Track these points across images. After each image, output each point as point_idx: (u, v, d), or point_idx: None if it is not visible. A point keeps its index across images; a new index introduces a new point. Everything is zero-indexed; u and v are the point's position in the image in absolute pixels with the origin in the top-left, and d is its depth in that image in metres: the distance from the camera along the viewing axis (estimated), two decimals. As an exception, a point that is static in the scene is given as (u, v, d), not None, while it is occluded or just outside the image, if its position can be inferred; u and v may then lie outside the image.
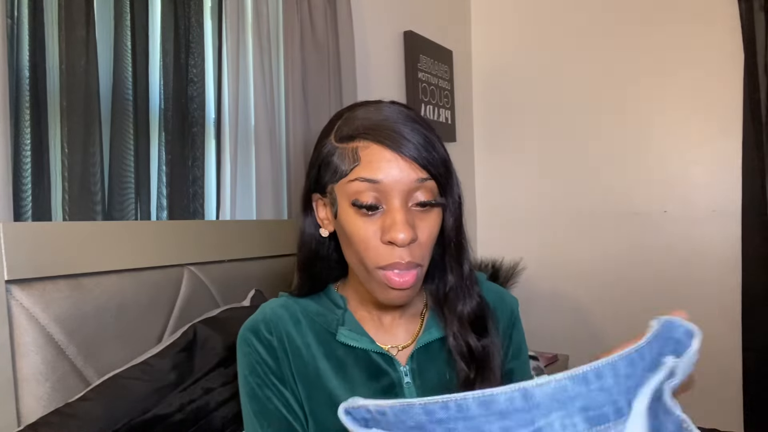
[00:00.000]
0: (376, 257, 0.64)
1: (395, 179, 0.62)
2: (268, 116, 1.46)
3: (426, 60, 2.16)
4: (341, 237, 0.69)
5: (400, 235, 0.61)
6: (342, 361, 0.70)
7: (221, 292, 1.16)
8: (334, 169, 0.66)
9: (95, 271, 0.94)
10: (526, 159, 2.45)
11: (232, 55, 1.38)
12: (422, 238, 0.64)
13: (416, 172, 0.63)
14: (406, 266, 0.63)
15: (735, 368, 1.97)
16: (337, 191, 0.66)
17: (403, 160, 0.63)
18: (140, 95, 1.20)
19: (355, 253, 0.66)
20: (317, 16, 1.60)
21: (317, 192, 0.71)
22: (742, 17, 1.92)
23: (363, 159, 0.63)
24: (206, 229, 1.18)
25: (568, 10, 2.32)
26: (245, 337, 0.71)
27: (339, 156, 0.66)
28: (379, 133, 0.64)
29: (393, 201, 0.63)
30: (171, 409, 0.82)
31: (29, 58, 1.02)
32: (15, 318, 0.82)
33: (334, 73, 1.64)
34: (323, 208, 0.71)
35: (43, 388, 0.83)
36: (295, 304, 0.74)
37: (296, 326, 0.71)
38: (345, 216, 0.65)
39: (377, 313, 0.74)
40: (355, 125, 0.66)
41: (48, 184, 1.06)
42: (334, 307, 0.74)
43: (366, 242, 0.64)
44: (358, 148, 0.64)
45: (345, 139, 0.66)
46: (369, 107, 0.68)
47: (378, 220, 0.64)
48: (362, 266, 0.66)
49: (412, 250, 0.63)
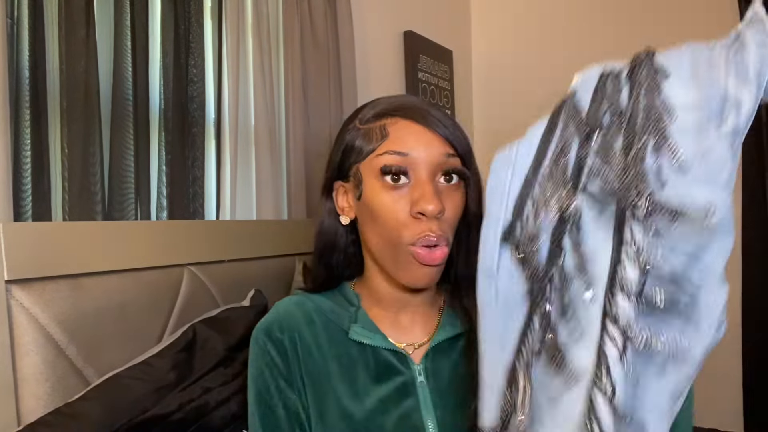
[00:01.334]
0: (405, 232, 0.63)
1: (424, 152, 0.64)
2: (268, 116, 1.46)
3: (426, 60, 2.16)
4: (365, 220, 0.68)
5: (430, 206, 0.61)
6: (353, 360, 0.69)
7: (221, 292, 1.16)
8: (360, 149, 0.67)
9: (95, 271, 0.94)
10: (526, 159, 2.44)
11: (232, 55, 1.38)
12: (448, 214, 0.65)
13: (444, 146, 0.65)
14: (436, 240, 0.63)
15: (735, 368, 1.97)
16: (363, 169, 0.67)
17: (432, 134, 0.64)
18: (140, 95, 1.20)
19: (382, 232, 0.65)
20: (317, 16, 1.61)
21: (339, 179, 0.71)
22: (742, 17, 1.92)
23: (392, 134, 0.65)
24: (206, 229, 1.18)
25: (568, 9, 2.32)
26: (257, 338, 0.71)
27: (365, 136, 0.67)
28: (408, 110, 0.66)
29: (421, 174, 0.64)
30: (171, 408, 0.82)
31: (29, 58, 1.02)
32: (15, 318, 0.82)
33: (334, 73, 1.64)
34: (344, 195, 0.72)
35: (43, 388, 0.83)
36: (309, 301, 0.73)
37: (309, 326, 0.71)
38: (371, 192, 0.65)
39: (394, 311, 0.73)
40: (382, 106, 0.68)
41: (48, 184, 1.06)
42: (348, 305, 0.73)
43: (395, 216, 0.64)
44: (386, 124, 0.66)
45: (372, 119, 0.67)
46: (391, 96, 0.70)
47: (405, 195, 0.64)
48: (389, 245, 0.65)
49: (440, 224, 0.64)
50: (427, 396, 0.67)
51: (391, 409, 0.66)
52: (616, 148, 0.43)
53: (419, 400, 0.67)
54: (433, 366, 0.69)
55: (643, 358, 0.42)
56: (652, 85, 0.43)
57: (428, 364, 0.69)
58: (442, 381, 0.68)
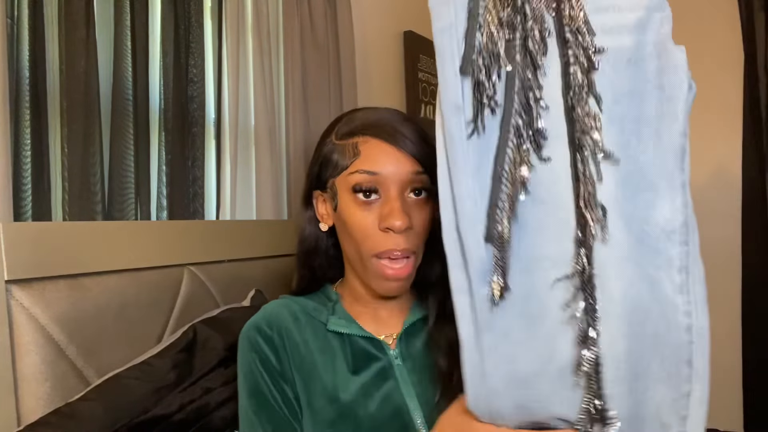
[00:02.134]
0: (374, 245, 0.68)
1: (392, 171, 0.68)
2: (268, 116, 1.46)
3: (426, 60, 2.16)
4: (340, 229, 0.74)
5: (397, 222, 0.66)
6: (335, 351, 0.73)
7: (221, 292, 1.16)
8: (335, 164, 0.72)
9: (95, 271, 0.94)
10: (526, 159, 2.44)
11: (232, 55, 1.38)
12: (417, 227, 0.69)
13: (412, 165, 0.69)
14: (402, 253, 0.68)
15: (735, 368, 1.97)
16: (338, 184, 0.71)
17: (401, 153, 0.68)
18: (140, 95, 1.20)
19: (353, 243, 0.70)
20: (317, 16, 1.61)
21: (318, 189, 0.76)
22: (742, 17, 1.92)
23: (363, 153, 0.69)
24: (206, 229, 1.18)
25: (568, 10, 2.32)
26: (248, 335, 0.74)
27: (339, 152, 0.71)
28: (378, 129, 0.70)
29: (390, 190, 0.68)
30: (171, 409, 0.82)
31: (29, 58, 1.02)
32: (15, 318, 0.82)
33: (334, 73, 1.64)
34: (323, 203, 0.77)
35: (43, 388, 0.83)
36: (295, 303, 0.78)
37: (295, 323, 0.75)
38: (345, 207, 0.70)
39: (373, 306, 0.77)
40: (355, 124, 0.72)
41: (48, 184, 1.06)
42: (327, 301, 0.78)
43: (364, 230, 0.69)
44: (357, 143, 0.70)
45: (345, 136, 0.72)
46: (367, 110, 0.74)
47: (376, 210, 0.69)
48: (359, 256, 0.70)
49: (407, 238, 0.68)
50: (405, 376, 0.72)
51: (373, 393, 0.70)
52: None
53: (398, 381, 0.72)
54: (407, 348, 0.74)
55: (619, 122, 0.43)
56: None
57: (402, 347, 0.74)
58: (416, 360, 0.73)
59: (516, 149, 0.43)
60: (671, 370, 0.44)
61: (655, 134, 0.43)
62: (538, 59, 0.43)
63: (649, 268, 0.43)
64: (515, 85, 0.43)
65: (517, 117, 0.44)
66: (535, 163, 0.43)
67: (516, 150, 0.43)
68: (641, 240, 0.43)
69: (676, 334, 0.44)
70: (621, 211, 0.43)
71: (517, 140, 0.44)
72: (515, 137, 0.44)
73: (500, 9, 0.44)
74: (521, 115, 0.43)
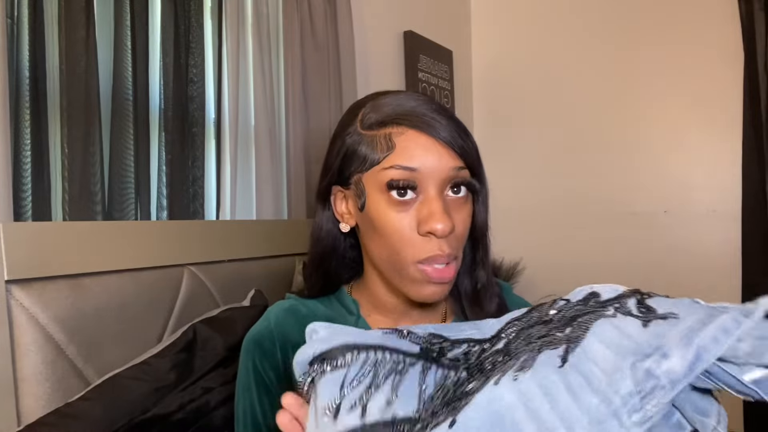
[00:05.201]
0: (414, 251, 0.60)
1: (433, 166, 0.60)
2: (268, 116, 1.46)
3: (426, 60, 2.16)
4: (367, 231, 0.64)
5: (439, 225, 0.58)
6: None
7: (221, 292, 1.16)
8: (363, 158, 0.62)
9: (95, 271, 0.94)
10: (525, 159, 2.45)
11: (232, 55, 1.38)
12: (458, 230, 0.62)
13: (454, 159, 0.61)
14: (446, 258, 0.60)
15: (735, 368, 1.97)
16: (366, 181, 0.62)
17: (442, 146, 0.60)
18: (140, 95, 1.20)
19: (388, 248, 0.61)
20: (317, 16, 1.60)
21: (338, 184, 0.67)
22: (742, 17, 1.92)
23: (398, 145, 0.60)
24: (206, 229, 1.18)
25: (568, 10, 2.32)
26: (248, 349, 0.68)
27: (368, 144, 0.62)
28: (416, 119, 0.61)
29: (429, 189, 0.60)
30: (171, 408, 0.82)
31: (29, 58, 1.02)
32: (15, 318, 0.82)
33: (334, 73, 1.64)
34: (343, 201, 0.67)
35: (43, 388, 0.83)
36: (303, 307, 0.70)
37: (303, 336, 0.68)
38: (375, 207, 0.61)
39: (395, 317, 0.69)
40: (386, 111, 0.62)
41: (48, 184, 1.06)
42: (346, 314, 0.69)
43: (401, 234, 0.60)
44: (391, 134, 0.61)
45: (375, 125, 0.62)
46: (398, 95, 0.64)
47: (412, 211, 0.60)
48: (395, 262, 0.62)
49: (449, 241, 0.60)
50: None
51: None
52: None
53: None
54: None
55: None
56: (611, 315, 0.46)
57: None
58: None
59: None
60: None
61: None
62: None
63: None
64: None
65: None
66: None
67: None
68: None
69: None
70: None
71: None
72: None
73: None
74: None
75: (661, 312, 0.45)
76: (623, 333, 0.44)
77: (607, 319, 0.45)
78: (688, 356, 0.40)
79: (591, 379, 0.42)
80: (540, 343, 0.45)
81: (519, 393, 0.42)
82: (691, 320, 0.42)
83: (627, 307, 0.47)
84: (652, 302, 0.47)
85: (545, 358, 0.44)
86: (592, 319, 0.46)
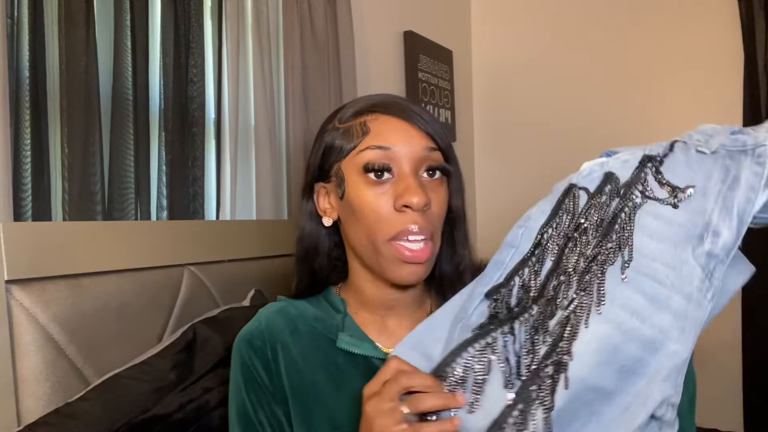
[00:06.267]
0: (389, 226, 0.62)
1: (406, 146, 0.63)
2: (268, 116, 1.46)
3: (426, 60, 2.16)
4: (348, 218, 0.67)
5: (414, 199, 0.61)
6: (341, 370, 0.67)
7: (221, 292, 1.16)
8: (340, 148, 0.66)
9: (95, 271, 0.94)
10: (526, 159, 2.44)
11: (232, 55, 1.38)
12: (434, 208, 0.64)
13: (426, 140, 0.64)
14: (420, 231, 0.62)
15: (735, 368, 1.97)
16: (345, 167, 0.66)
17: (414, 129, 0.64)
18: (140, 95, 1.20)
19: (365, 228, 0.64)
20: (317, 16, 1.60)
21: (320, 181, 0.70)
22: (742, 17, 1.91)
23: (373, 129, 0.64)
24: (206, 229, 1.18)
25: (568, 10, 2.32)
26: (239, 348, 0.69)
27: (345, 134, 0.66)
28: (388, 106, 0.65)
29: (404, 168, 0.63)
30: (171, 408, 0.82)
31: (29, 58, 1.02)
32: (15, 318, 0.82)
33: (334, 73, 1.64)
34: (325, 197, 0.70)
35: (43, 388, 0.83)
36: (293, 308, 0.72)
37: (293, 335, 0.69)
38: (354, 190, 0.64)
39: (381, 314, 0.71)
40: (361, 104, 0.67)
41: (48, 184, 1.06)
42: (334, 312, 0.71)
43: (377, 212, 0.63)
44: (366, 120, 0.65)
45: (351, 117, 0.66)
46: (371, 95, 0.70)
47: (389, 190, 0.63)
48: (372, 242, 0.64)
49: (425, 217, 0.63)
50: None
51: None
52: (587, 253, 0.51)
53: None
54: None
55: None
56: (642, 196, 0.51)
57: None
58: None
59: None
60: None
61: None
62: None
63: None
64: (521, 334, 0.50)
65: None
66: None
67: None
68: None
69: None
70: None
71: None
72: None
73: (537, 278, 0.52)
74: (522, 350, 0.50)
75: (682, 185, 0.50)
76: (664, 220, 0.49)
77: (642, 211, 0.50)
78: (733, 225, 0.48)
79: (659, 277, 0.47)
80: (598, 264, 0.49)
81: (608, 323, 0.46)
82: (714, 185, 0.48)
83: (650, 188, 0.51)
84: (667, 173, 0.51)
85: (611, 278, 0.48)
86: (628, 216, 0.50)
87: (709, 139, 0.51)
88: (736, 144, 0.49)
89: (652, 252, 0.48)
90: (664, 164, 0.52)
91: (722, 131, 0.52)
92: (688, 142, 0.53)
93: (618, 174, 0.53)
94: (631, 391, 0.45)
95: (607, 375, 0.45)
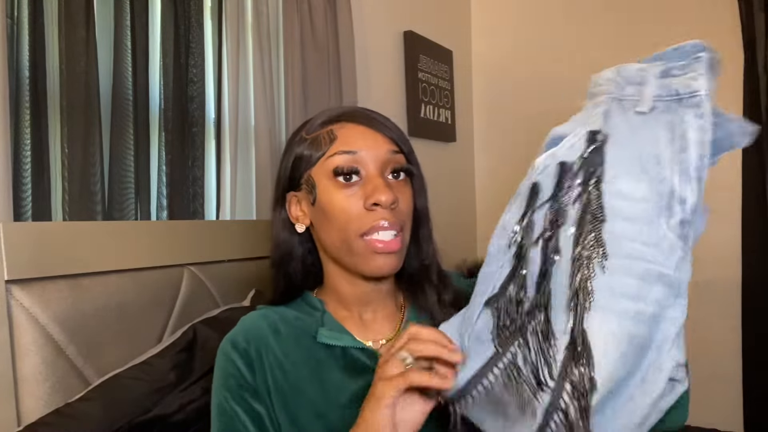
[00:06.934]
0: (360, 224, 0.67)
1: (371, 150, 0.68)
2: (268, 116, 1.46)
3: (426, 60, 2.16)
4: (320, 222, 0.71)
5: (383, 197, 0.65)
6: (322, 363, 0.70)
7: (221, 292, 1.16)
8: (310, 156, 0.70)
9: (95, 271, 0.94)
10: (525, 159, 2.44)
11: (232, 55, 1.38)
12: (402, 205, 0.69)
13: (389, 144, 0.70)
14: (390, 225, 0.66)
15: (735, 368, 1.97)
16: (315, 174, 0.70)
17: (377, 134, 0.69)
18: (140, 95, 1.20)
19: (338, 228, 0.68)
20: (317, 16, 1.60)
21: (291, 190, 0.74)
22: (742, 17, 1.91)
23: (340, 136, 0.69)
24: (206, 229, 1.18)
25: (568, 9, 2.32)
26: (223, 349, 0.71)
27: (313, 143, 0.70)
28: (354, 114, 0.71)
29: (371, 170, 0.68)
30: (171, 409, 0.82)
31: (29, 58, 1.02)
32: (15, 318, 0.82)
33: (334, 73, 1.64)
34: (297, 205, 0.74)
35: (43, 388, 0.83)
36: (274, 313, 0.74)
37: (275, 336, 0.71)
38: (326, 194, 0.69)
39: (357, 309, 0.74)
40: (327, 114, 0.72)
41: (48, 184, 1.06)
42: (312, 310, 0.75)
43: (348, 212, 0.67)
44: (333, 129, 0.70)
45: (318, 127, 0.71)
46: (334, 107, 0.76)
47: (358, 191, 0.67)
48: (345, 239, 0.68)
49: (394, 214, 0.67)
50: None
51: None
52: (566, 245, 0.53)
53: None
54: None
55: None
56: (600, 179, 0.52)
57: None
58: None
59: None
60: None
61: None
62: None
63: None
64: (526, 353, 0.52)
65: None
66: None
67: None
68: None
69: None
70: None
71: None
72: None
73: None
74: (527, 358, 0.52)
75: (630, 160, 0.51)
76: (630, 200, 0.50)
77: (607, 194, 0.51)
78: (694, 187, 0.50)
79: (644, 256, 0.49)
80: (584, 261, 0.51)
81: (614, 314, 0.48)
82: (665, 149, 0.50)
83: (598, 172, 0.53)
84: (614, 148, 0.52)
85: (600, 270, 0.49)
86: (598, 205, 0.51)
87: (642, 90, 0.52)
88: (670, 92, 0.51)
89: (630, 233, 0.49)
90: (609, 141, 0.54)
91: (648, 76, 0.53)
92: (622, 99, 0.53)
93: (569, 161, 0.55)
94: (643, 364, 0.48)
95: (629, 361, 0.48)
